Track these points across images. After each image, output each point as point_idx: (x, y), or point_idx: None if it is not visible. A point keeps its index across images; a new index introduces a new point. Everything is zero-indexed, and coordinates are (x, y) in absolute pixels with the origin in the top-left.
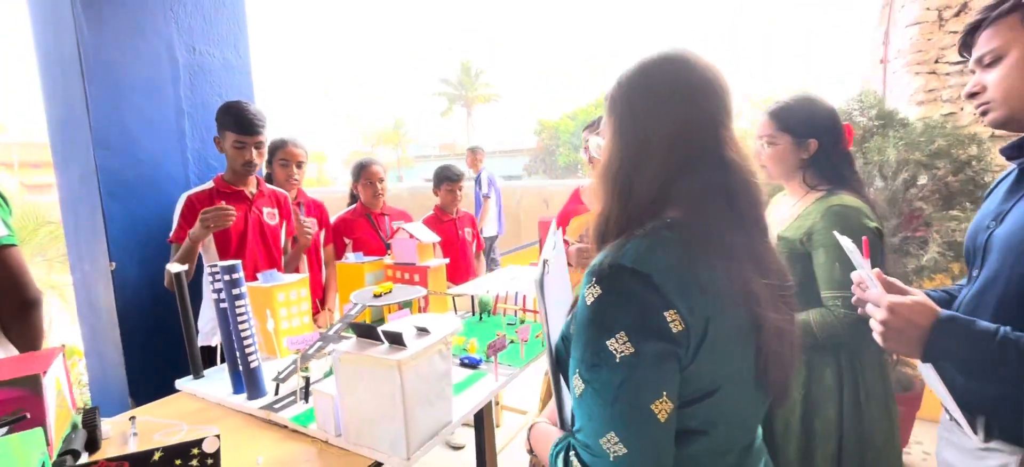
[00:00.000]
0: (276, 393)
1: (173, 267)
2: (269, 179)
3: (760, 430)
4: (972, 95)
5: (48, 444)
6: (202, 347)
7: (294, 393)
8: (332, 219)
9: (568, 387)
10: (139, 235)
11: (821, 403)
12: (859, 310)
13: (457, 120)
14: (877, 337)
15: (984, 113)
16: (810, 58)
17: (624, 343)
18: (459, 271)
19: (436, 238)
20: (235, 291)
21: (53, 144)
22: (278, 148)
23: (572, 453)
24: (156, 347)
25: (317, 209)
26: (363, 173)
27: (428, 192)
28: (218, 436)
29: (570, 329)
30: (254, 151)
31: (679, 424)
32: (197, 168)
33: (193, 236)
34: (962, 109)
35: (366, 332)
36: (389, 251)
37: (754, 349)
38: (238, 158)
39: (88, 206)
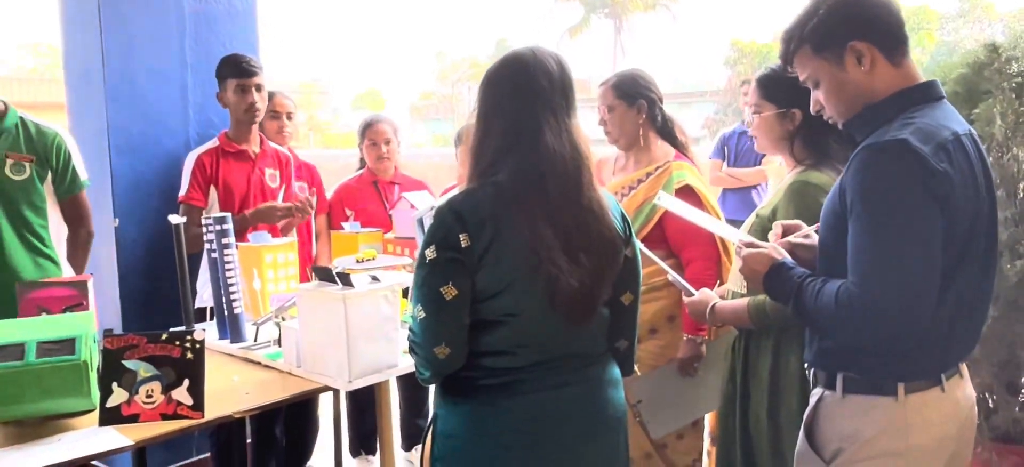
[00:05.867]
0: (255, 339)
1: (173, 218)
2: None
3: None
4: (819, 112)
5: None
6: (197, 309)
7: (270, 341)
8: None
9: None
10: (141, 193)
11: (785, 393)
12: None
13: (597, 41)
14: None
15: (830, 119)
16: None
17: (431, 250)
18: None
19: None
20: (224, 241)
21: (70, 99)
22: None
23: (409, 319)
24: (154, 304)
25: (307, 172)
26: (366, 132)
27: None
28: (204, 331)
29: None
30: (255, 93)
31: (482, 314)
32: (198, 125)
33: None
34: None
35: (325, 275)
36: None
37: (541, 282)
38: (241, 104)
39: (97, 161)
